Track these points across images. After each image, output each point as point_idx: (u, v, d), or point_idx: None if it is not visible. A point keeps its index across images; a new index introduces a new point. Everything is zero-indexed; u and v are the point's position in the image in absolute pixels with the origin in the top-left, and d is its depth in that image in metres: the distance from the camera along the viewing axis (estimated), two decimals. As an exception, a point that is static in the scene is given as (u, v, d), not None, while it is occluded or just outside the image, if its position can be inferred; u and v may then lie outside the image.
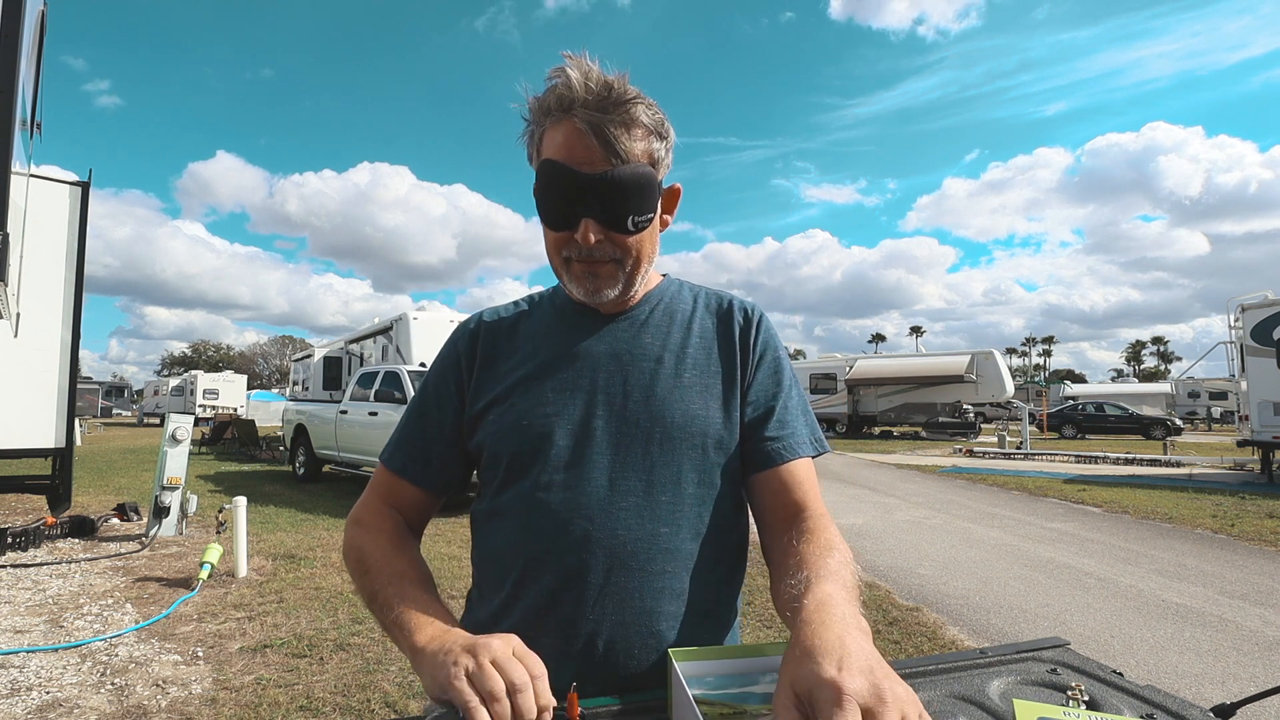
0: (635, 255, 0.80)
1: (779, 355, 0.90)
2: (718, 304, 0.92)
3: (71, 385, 6.03)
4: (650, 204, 0.78)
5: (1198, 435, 27.09)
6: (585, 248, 0.77)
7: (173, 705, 2.81)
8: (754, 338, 0.88)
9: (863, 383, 24.92)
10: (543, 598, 0.78)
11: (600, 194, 0.75)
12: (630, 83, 0.77)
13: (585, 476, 0.79)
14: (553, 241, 0.80)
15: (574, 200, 0.75)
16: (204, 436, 17.61)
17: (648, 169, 0.77)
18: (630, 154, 0.76)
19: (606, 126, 0.74)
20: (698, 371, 0.85)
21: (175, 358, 79.38)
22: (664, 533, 0.79)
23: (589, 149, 0.74)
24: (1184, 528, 6.96)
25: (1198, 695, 3.03)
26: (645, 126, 0.78)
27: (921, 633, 3.81)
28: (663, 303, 0.90)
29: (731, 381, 0.85)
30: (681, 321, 0.88)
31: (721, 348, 0.87)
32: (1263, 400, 10.43)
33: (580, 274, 0.80)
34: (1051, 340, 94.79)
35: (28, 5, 2.26)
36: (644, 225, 0.79)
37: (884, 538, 6.51)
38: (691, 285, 0.95)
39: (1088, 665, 0.74)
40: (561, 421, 0.81)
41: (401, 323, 10.77)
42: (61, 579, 4.69)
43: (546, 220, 0.79)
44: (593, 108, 0.75)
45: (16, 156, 2.36)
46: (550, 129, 0.78)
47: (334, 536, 6.24)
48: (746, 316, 0.90)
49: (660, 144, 0.80)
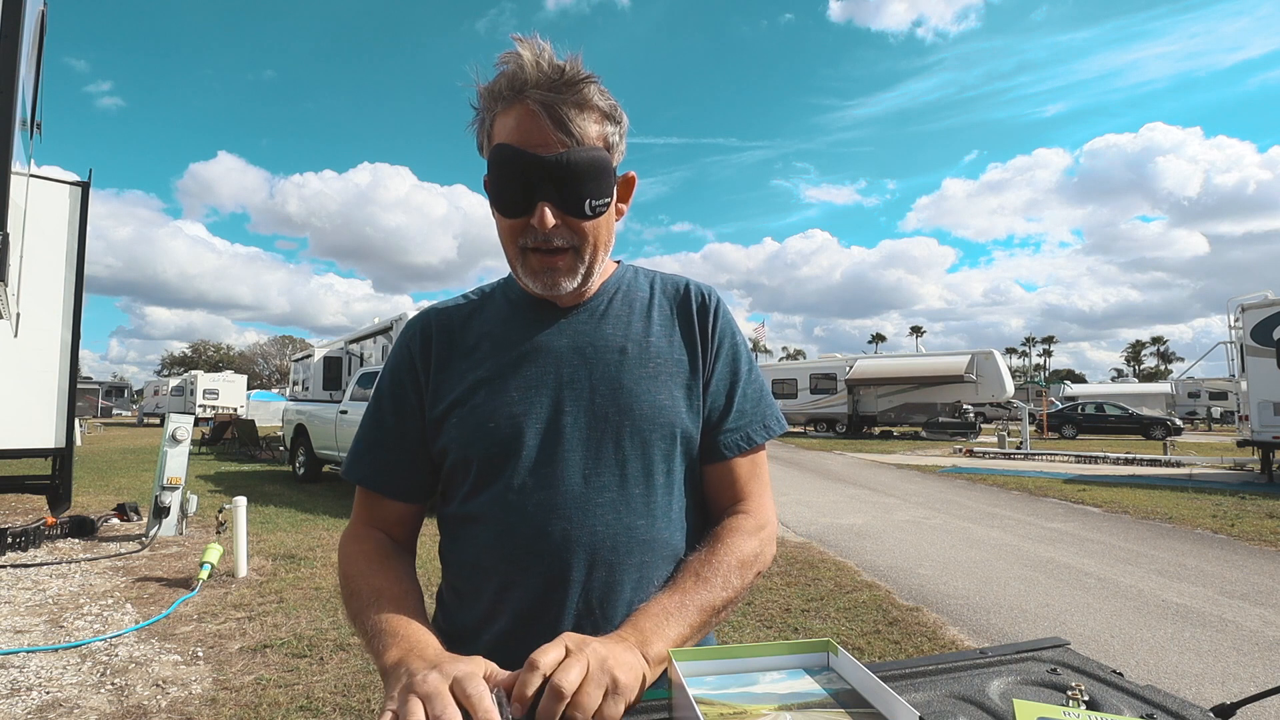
0: (593, 242, 0.78)
1: (735, 341, 0.89)
2: (675, 290, 0.90)
3: (71, 385, 6.03)
4: (607, 188, 0.76)
5: (1198, 435, 27.09)
6: (542, 233, 0.74)
7: (173, 705, 2.81)
8: (712, 326, 0.87)
9: (863, 383, 24.91)
10: (527, 602, 0.77)
11: (556, 177, 0.72)
12: (584, 66, 0.74)
13: (559, 475, 0.78)
14: (507, 230, 0.77)
15: (529, 184, 0.73)
16: (204, 436, 17.61)
17: (603, 153, 0.75)
18: (585, 136, 0.74)
19: (560, 107, 0.72)
20: (661, 360, 0.83)
21: (175, 358, 79.41)
22: (640, 525, 0.79)
23: (543, 131, 0.72)
24: (1184, 528, 6.96)
25: (1198, 695, 3.03)
26: (599, 110, 0.76)
27: (921, 633, 3.81)
28: (620, 291, 0.88)
29: (695, 370, 0.85)
30: (641, 309, 0.87)
31: (682, 334, 0.86)
32: (1263, 400, 10.43)
33: (538, 267, 0.77)
34: (1051, 340, 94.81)
35: (28, 5, 2.26)
36: (601, 210, 0.76)
37: (884, 538, 6.51)
38: (646, 270, 0.93)
39: (1088, 665, 0.74)
40: (530, 421, 0.80)
41: (401, 323, 10.77)
42: (61, 579, 4.69)
43: (500, 207, 0.76)
44: (546, 88, 0.72)
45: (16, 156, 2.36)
46: (501, 114, 0.75)
47: (334, 536, 6.24)
48: (704, 303, 0.88)
49: (614, 128, 0.78)
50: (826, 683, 0.66)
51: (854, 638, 3.72)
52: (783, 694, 0.64)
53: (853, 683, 0.65)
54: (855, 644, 3.62)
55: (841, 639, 3.68)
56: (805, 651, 0.71)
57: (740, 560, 0.78)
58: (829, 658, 0.70)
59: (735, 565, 0.77)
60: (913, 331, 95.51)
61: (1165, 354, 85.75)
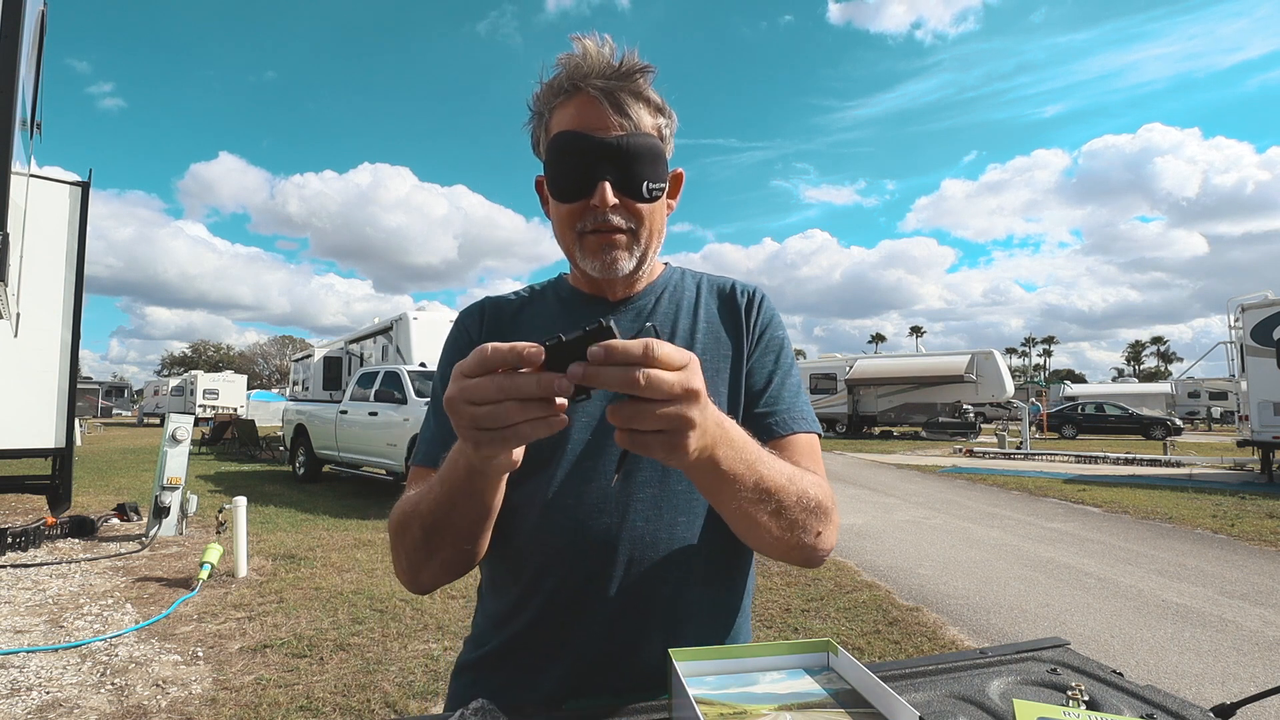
0: (649, 226, 0.79)
1: (779, 335, 0.89)
2: (720, 288, 0.91)
3: (71, 385, 6.03)
4: (663, 174, 0.78)
5: (1198, 435, 27.09)
6: (603, 211, 0.74)
7: (173, 705, 2.81)
8: (755, 317, 0.88)
9: (863, 383, 24.91)
10: (564, 595, 0.77)
11: (616, 158, 0.74)
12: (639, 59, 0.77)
13: (600, 471, 0.78)
14: (565, 216, 0.78)
15: (590, 166, 0.74)
16: (204, 436, 17.60)
17: (659, 140, 0.78)
18: (642, 123, 0.76)
19: (619, 94, 0.74)
20: (707, 357, 0.84)
21: (175, 358, 79.45)
22: (681, 521, 0.79)
23: (602, 115, 0.74)
24: (1184, 528, 6.96)
25: (1198, 695, 3.03)
26: (654, 103, 0.78)
27: (921, 633, 3.81)
28: (667, 290, 0.89)
29: (738, 363, 0.85)
30: (688, 308, 0.88)
31: (728, 329, 0.87)
32: (1263, 400, 10.43)
33: (595, 246, 0.77)
34: (1051, 340, 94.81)
35: (28, 5, 2.26)
36: (657, 194, 0.78)
37: (884, 538, 6.51)
38: (693, 272, 0.94)
39: (1088, 665, 0.74)
40: (577, 414, 0.80)
41: (401, 323, 10.77)
42: (61, 579, 4.69)
43: (559, 193, 0.77)
44: (606, 76, 0.74)
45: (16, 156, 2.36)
46: (560, 106, 0.77)
47: (334, 536, 6.24)
48: (750, 297, 0.90)
49: (666, 121, 0.80)
50: (826, 683, 0.66)
51: (854, 638, 3.72)
52: (783, 694, 0.64)
53: (853, 683, 0.65)
54: (855, 644, 3.62)
55: (841, 639, 3.68)
56: (805, 651, 0.71)
57: (816, 483, 0.72)
58: (829, 658, 0.70)
59: (811, 481, 0.71)
60: (912, 331, 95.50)
61: (1165, 354, 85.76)
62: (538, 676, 0.78)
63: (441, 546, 0.70)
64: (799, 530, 0.70)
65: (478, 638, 0.87)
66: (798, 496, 0.68)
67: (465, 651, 0.87)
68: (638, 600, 0.77)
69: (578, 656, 0.77)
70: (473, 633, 0.89)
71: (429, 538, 0.69)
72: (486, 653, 0.83)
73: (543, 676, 0.78)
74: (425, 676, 3.12)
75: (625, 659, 0.77)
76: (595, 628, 0.77)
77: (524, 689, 0.78)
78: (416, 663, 3.27)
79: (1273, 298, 10.65)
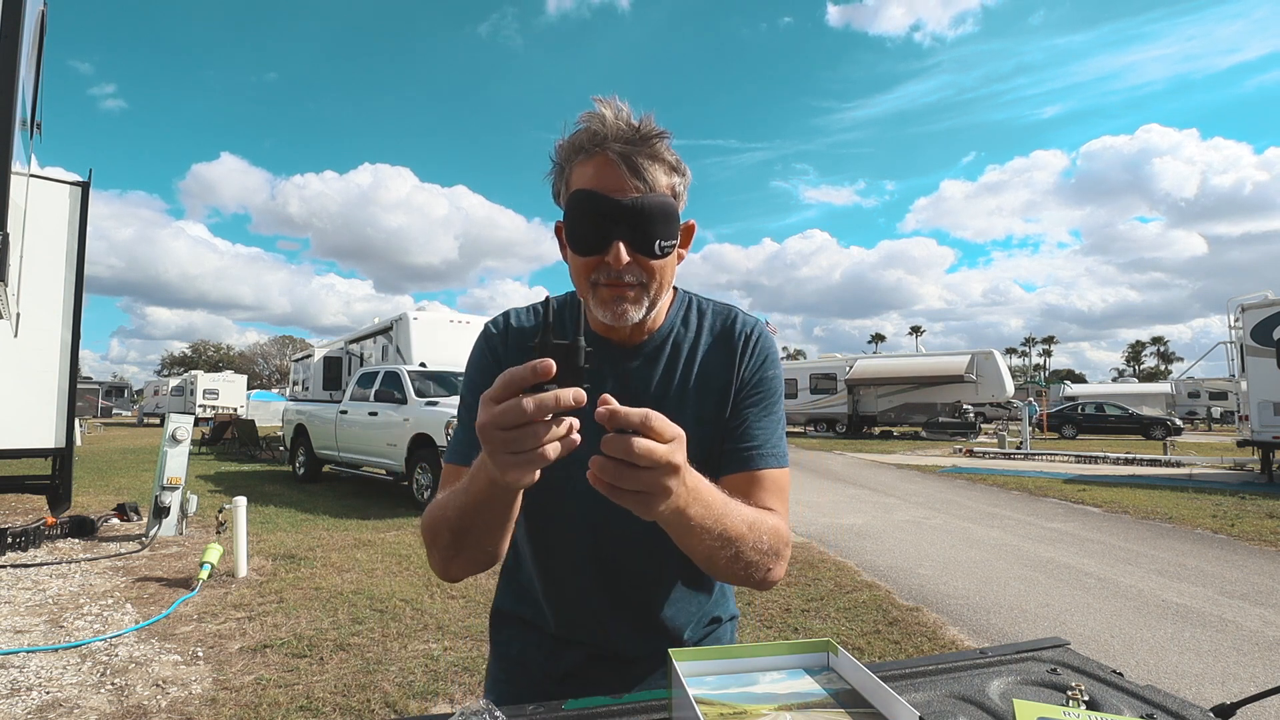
0: (659, 280, 0.84)
1: (770, 375, 0.95)
2: (722, 324, 0.97)
3: (71, 385, 6.03)
4: (674, 231, 0.83)
5: (1198, 435, 27.09)
6: (616, 268, 0.80)
7: (173, 705, 2.81)
8: (749, 359, 0.94)
9: (863, 383, 24.91)
10: (568, 581, 0.93)
11: (631, 219, 0.79)
12: (655, 122, 0.83)
13: (606, 504, 0.83)
14: (581, 267, 0.83)
15: (607, 225, 0.80)
16: (204, 436, 17.60)
17: (672, 200, 0.83)
18: (656, 184, 0.81)
19: (636, 158, 0.80)
20: (701, 404, 0.91)
21: (175, 358, 79.38)
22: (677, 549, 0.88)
23: (620, 178, 0.80)
24: (1184, 528, 6.96)
25: (1198, 695, 3.04)
26: (668, 163, 0.84)
27: (921, 633, 3.81)
28: (672, 335, 0.95)
29: (724, 401, 0.92)
30: (689, 351, 0.94)
31: (721, 369, 0.93)
32: (1263, 400, 10.43)
33: (608, 298, 0.83)
34: (1051, 340, 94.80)
35: (28, 5, 2.26)
36: (669, 250, 0.83)
37: (884, 538, 6.51)
38: (700, 303, 0.99)
39: (1088, 665, 0.74)
40: (578, 454, 0.83)
41: (401, 323, 10.77)
42: (61, 579, 4.69)
43: (578, 246, 0.82)
44: (624, 141, 0.80)
45: (16, 156, 2.36)
46: (580, 164, 0.83)
47: (334, 536, 6.25)
48: (747, 338, 0.95)
49: (680, 180, 0.86)
50: (826, 683, 0.66)
51: (854, 638, 3.72)
52: (783, 694, 0.64)
53: (853, 683, 0.65)
54: (855, 644, 3.62)
55: (841, 639, 3.68)
56: (805, 651, 0.71)
57: (773, 529, 0.80)
58: (829, 658, 0.70)
59: (768, 527, 0.80)
60: (912, 331, 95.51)
61: (1165, 354, 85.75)
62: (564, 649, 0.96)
63: (467, 547, 0.78)
64: (753, 569, 0.79)
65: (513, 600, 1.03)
66: (754, 543, 0.77)
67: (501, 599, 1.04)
68: (643, 608, 0.93)
69: (573, 639, 0.95)
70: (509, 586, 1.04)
71: (456, 540, 0.78)
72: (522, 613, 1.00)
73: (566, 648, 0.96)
74: (425, 676, 3.12)
75: (620, 640, 0.94)
76: (611, 620, 0.94)
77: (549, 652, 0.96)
78: (416, 663, 3.27)
79: (1273, 298, 10.66)
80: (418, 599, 4.28)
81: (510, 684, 0.98)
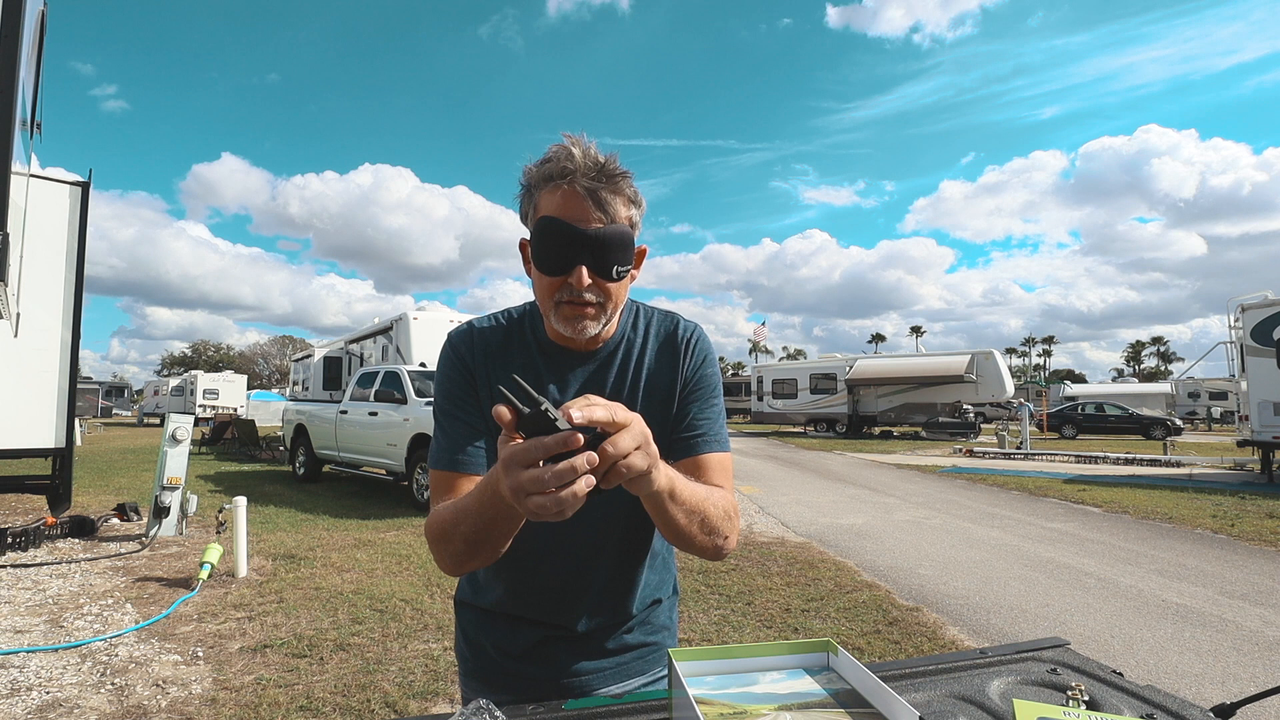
0: (614, 300, 0.94)
1: (708, 373, 1.06)
2: (665, 331, 1.07)
3: (72, 385, 6.03)
4: (630, 257, 0.93)
5: (1198, 435, 27.08)
6: (579, 289, 0.89)
7: (173, 705, 2.81)
8: (689, 360, 1.05)
9: (863, 383, 24.89)
10: (520, 563, 0.99)
11: (593, 247, 0.89)
12: (620, 160, 0.92)
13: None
14: (546, 286, 0.92)
15: (572, 251, 0.89)
16: (204, 436, 17.60)
17: (630, 231, 0.93)
18: (617, 216, 0.91)
19: (601, 192, 0.89)
20: (649, 401, 1.02)
21: (175, 358, 79.31)
22: (643, 530, 1.04)
23: (584, 209, 0.89)
24: (1184, 528, 6.96)
25: (1198, 695, 3.03)
26: (627, 197, 0.93)
27: (921, 633, 3.81)
28: (624, 341, 1.05)
29: (670, 398, 1.02)
30: (638, 353, 1.05)
31: (666, 370, 1.04)
32: (1263, 400, 10.43)
33: (570, 315, 0.92)
34: (1051, 340, 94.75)
35: (28, 5, 2.26)
36: (624, 275, 0.93)
37: (884, 538, 6.51)
38: (645, 311, 1.09)
39: (1088, 665, 0.74)
40: None
41: (401, 323, 10.77)
42: (61, 579, 4.69)
43: (544, 267, 0.91)
44: (591, 176, 0.89)
45: (16, 156, 2.36)
46: (548, 192, 0.91)
47: (334, 536, 6.25)
48: (688, 342, 1.06)
49: (637, 212, 0.95)
50: (826, 683, 0.66)
51: (854, 638, 3.72)
52: (783, 694, 0.64)
53: (853, 683, 0.65)
54: (855, 644, 3.62)
55: (841, 639, 3.68)
56: (805, 651, 0.71)
57: (725, 499, 0.92)
58: (829, 658, 0.70)
59: (722, 498, 0.91)
60: (912, 331, 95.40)
61: (1165, 354, 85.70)
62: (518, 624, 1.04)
63: (480, 551, 0.86)
64: (715, 536, 0.89)
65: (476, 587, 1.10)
66: (716, 512, 0.88)
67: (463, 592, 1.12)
68: (613, 589, 1.03)
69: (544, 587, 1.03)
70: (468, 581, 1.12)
71: (470, 547, 0.84)
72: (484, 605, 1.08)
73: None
74: (425, 676, 3.12)
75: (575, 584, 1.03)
76: (583, 603, 1.02)
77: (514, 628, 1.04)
78: (416, 663, 3.27)
79: (1272, 298, 10.65)
80: (418, 599, 4.28)
81: (475, 660, 1.07)
